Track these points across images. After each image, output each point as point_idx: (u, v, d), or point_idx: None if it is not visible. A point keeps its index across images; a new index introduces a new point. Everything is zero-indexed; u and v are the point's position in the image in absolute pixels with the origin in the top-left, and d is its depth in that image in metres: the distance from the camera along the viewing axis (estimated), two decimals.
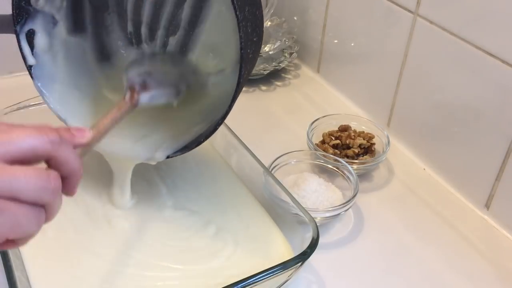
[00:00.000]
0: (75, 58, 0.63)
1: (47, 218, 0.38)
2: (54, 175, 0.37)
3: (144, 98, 0.56)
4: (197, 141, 0.57)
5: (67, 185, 0.39)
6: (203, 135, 0.56)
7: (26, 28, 0.58)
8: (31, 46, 0.59)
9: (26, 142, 0.36)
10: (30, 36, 0.58)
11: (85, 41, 0.64)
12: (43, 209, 0.37)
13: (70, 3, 0.60)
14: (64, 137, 0.39)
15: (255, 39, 0.55)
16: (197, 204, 0.64)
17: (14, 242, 0.37)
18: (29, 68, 0.59)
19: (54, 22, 0.60)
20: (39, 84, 0.59)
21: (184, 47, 0.63)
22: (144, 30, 0.65)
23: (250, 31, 0.52)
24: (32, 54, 0.59)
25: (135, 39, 0.65)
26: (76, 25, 0.62)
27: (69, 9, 0.61)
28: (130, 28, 0.65)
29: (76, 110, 0.61)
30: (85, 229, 0.60)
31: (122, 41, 0.66)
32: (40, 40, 0.59)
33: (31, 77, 0.59)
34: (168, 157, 0.58)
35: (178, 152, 0.58)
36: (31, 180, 0.35)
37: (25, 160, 0.36)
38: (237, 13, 0.48)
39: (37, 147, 0.36)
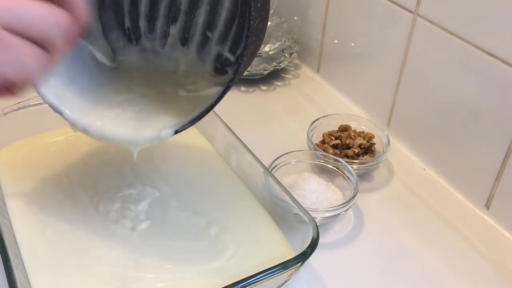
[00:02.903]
0: (73, 55, 0.62)
1: (49, 61, 0.33)
2: (64, 12, 0.32)
3: None
4: (209, 107, 0.53)
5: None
6: (214, 99, 0.53)
7: None
8: None
9: None
10: None
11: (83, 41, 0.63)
12: (45, 51, 0.32)
13: None
14: None
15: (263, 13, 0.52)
16: (199, 205, 0.63)
17: (10, 90, 0.33)
18: None
19: None
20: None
21: (186, 34, 0.63)
22: (142, 22, 0.64)
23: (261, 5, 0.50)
24: None
25: (133, 35, 0.65)
26: None
27: None
28: (127, 23, 0.64)
29: (75, 104, 0.58)
30: (86, 230, 0.59)
31: (122, 41, 0.66)
32: None
33: None
34: (176, 132, 0.55)
35: (188, 124, 0.55)
36: (40, 13, 0.31)
37: None
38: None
39: None
